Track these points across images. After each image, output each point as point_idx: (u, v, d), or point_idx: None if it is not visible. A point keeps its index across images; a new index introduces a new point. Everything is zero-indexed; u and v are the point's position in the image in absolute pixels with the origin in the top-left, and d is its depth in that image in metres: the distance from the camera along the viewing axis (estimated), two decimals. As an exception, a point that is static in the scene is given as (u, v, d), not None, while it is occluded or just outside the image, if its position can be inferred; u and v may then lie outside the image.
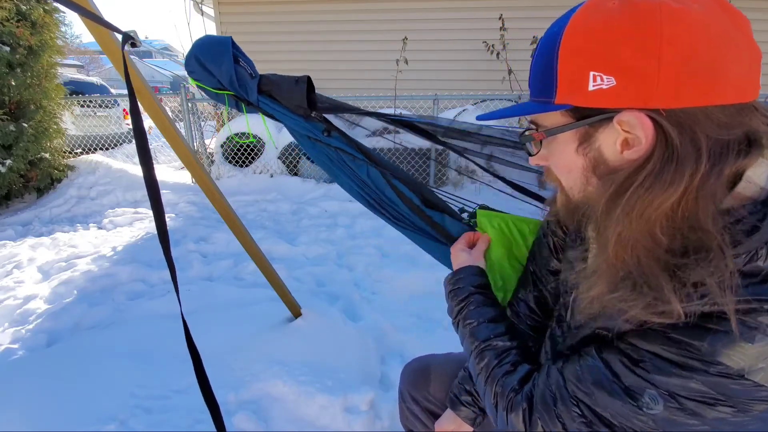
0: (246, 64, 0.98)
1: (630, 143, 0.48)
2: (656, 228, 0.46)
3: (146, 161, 0.84)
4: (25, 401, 1.42)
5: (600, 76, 0.46)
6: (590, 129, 0.50)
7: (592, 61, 0.46)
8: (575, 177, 0.55)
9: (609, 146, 0.50)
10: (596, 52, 0.46)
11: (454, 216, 1.00)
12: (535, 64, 0.53)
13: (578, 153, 0.53)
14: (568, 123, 0.52)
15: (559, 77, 0.49)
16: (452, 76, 5.97)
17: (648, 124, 0.45)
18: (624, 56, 0.44)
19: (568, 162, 0.55)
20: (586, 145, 0.52)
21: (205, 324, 1.86)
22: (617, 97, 0.46)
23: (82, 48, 26.03)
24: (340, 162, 1.01)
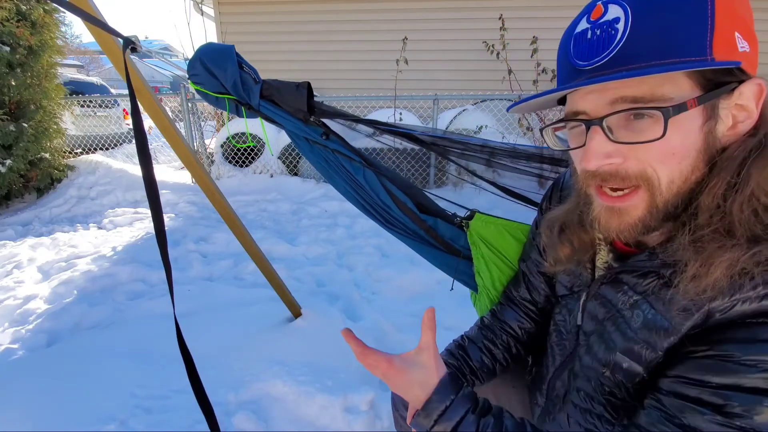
0: (250, 70, 0.99)
1: (737, 117, 0.47)
2: None
3: (146, 162, 0.85)
4: (25, 401, 1.42)
5: (741, 38, 0.44)
6: (716, 101, 0.46)
7: (739, 22, 0.44)
8: (686, 164, 0.47)
9: (723, 121, 0.47)
10: (741, 13, 0.45)
11: (447, 219, 1.01)
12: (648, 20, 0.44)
13: (701, 131, 0.46)
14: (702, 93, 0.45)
15: (716, 31, 0.43)
16: (452, 76, 5.97)
17: (764, 94, 0.45)
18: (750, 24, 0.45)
19: (687, 145, 0.47)
20: (711, 121, 0.46)
21: (205, 324, 1.87)
22: (751, 64, 0.45)
23: (82, 48, 26.02)
24: (337, 164, 1.03)
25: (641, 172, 0.48)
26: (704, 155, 0.47)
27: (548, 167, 1.00)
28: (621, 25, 0.45)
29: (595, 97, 0.48)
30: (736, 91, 0.45)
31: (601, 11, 0.47)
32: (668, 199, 0.49)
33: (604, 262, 0.63)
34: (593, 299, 0.63)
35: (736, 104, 0.46)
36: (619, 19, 0.45)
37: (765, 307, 0.43)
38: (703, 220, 0.47)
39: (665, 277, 0.51)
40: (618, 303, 0.58)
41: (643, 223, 0.51)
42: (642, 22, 0.44)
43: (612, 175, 0.50)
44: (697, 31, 0.43)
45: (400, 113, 4.73)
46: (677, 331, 0.50)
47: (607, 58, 0.46)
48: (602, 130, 0.48)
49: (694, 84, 0.45)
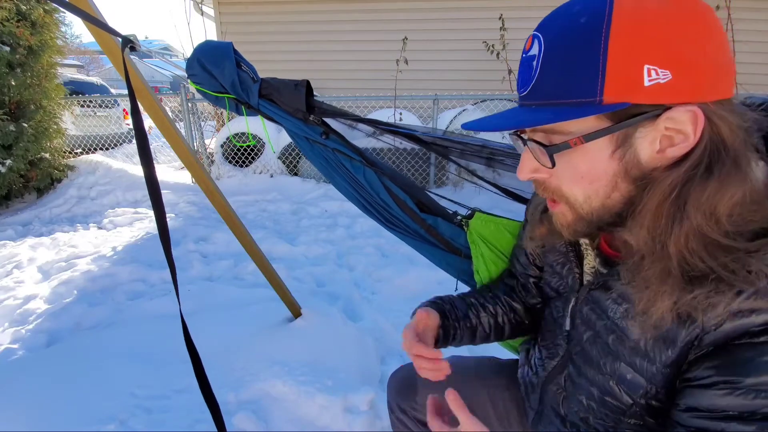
0: (248, 69, 0.99)
1: (672, 140, 0.45)
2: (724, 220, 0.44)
3: (147, 161, 0.85)
4: (25, 401, 1.42)
5: (655, 69, 0.42)
6: (629, 130, 0.46)
7: (649, 53, 0.42)
8: (600, 185, 0.50)
9: (646, 146, 0.46)
10: (652, 43, 0.42)
11: (447, 218, 1.01)
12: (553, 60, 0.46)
13: (612, 158, 0.48)
14: (607, 126, 0.46)
15: (608, 73, 0.43)
16: (452, 76, 5.97)
17: (702, 118, 0.43)
18: (678, 47, 0.42)
19: (597, 170, 0.49)
20: (623, 148, 0.47)
21: (205, 324, 1.87)
22: (673, 92, 0.43)
23: (82, 48, 26.03)
24: (337, 163, 1.03)
25: (557, 189, 0.53)
26: (623, 178, 0.48)
27: None
28: (536, 62, 0.48)
29: None
30: (663, 116, 0.44)
31: (529, 44, 0.50)
32: (591, 211, 0.52)
33: (591, 267, 0.64)
34: (584, 304, 0.63)
35: (667, 128, 0.45)
36: (535, 55, 0.48)
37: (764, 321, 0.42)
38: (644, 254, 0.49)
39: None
40: (608, 311, 0.57)
41: (574, 227, 0.55)
42: (547, 61, 0.47)
43: (539, 185, 0.56)
44: (588, 72, 0.44)
45: (400, 113, 4.73)
46: (674, 343, 0.49)
47: (526, 90, 0.50)
48: (529, 149, 0.53)
49: (598, 118, 0.46)
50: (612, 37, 0.43)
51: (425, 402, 0.89)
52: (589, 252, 0.64)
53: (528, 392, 0.80)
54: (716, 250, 0.44)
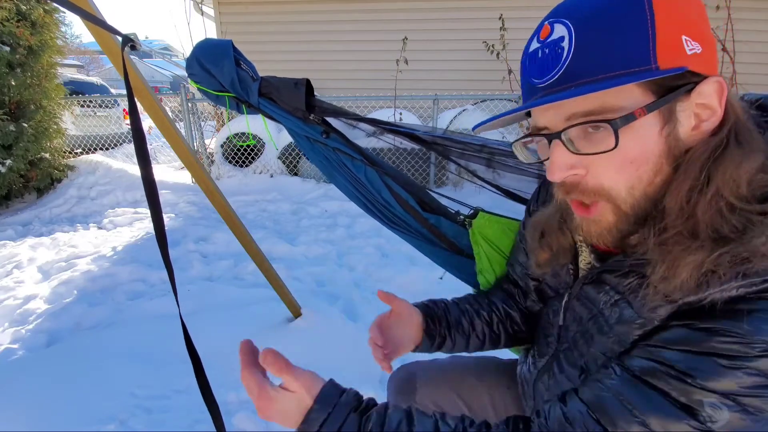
0: (248, 67, 0.99)
1: (701, 117, 0.47)
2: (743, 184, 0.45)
3: (144, 162, 0.85)
4: (25, 401, 1.42)
5: (690, 40, 0.45)
6: (672, 104, 0.46)
7: (684, 25, 0.45)
8: (645, 170, 0.48)
9: (684, 122, 0.47)
10: (687, 15, 0.46)
11: (449, 218, 1.00)
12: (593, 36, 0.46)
13: (661, 135, 0.47)
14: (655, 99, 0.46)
15: (659, 39, 0.44)
16: (452, 76, 5.97)
17: (725, 89, 0.46)
18: (700, 24, 0.46)
19: (647, 151, 0.48)
20: (670, 124, 0.47)
21: (205, 324, 1.87)
22: (705, 64, 0.46)
23: (82, 48, 26.04)
24: (338, 163, 1.02)
25: (598, 187, 0.51)
26: (667, 158, 0.48)
27: None
28: (566, 43, 0.47)
29: (552, 114, 0.50)
30: (694, 91, 0.46)
31: (548, 31, 0.49)
32: (634, 203, 0.50)
33: (587, 263, 0.64)
34: (576, 299, 0.63)
35: (697, 104, 0.46)
36: (564, 37, 0.47)
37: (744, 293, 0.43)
38: (669, 223, 0.48)
39: (645, 276, 0.51)
40: (599, 303, 0.58)
41: (617, 228, 0.53)
42: (584, 39, 0.46)
43: (574, 187, 0.52)
44: (638, 41, 0.44)
45: (400, 113, 4.73)
46: (651, 323, 0.50)
47: (557, 75, 0.48)
48: (562, 143, 0.50)
49: (646, 91, 0.46)
50: (656, 7, 0.44)
51: (425, 402, 0.90)
52: (584, 248, 0.64)
53: (524, 391, 0.80)
54: (735, 212, 0.45)
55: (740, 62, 4.76)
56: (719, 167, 0.45)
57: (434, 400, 0.89)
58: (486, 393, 0.89)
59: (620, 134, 0.46)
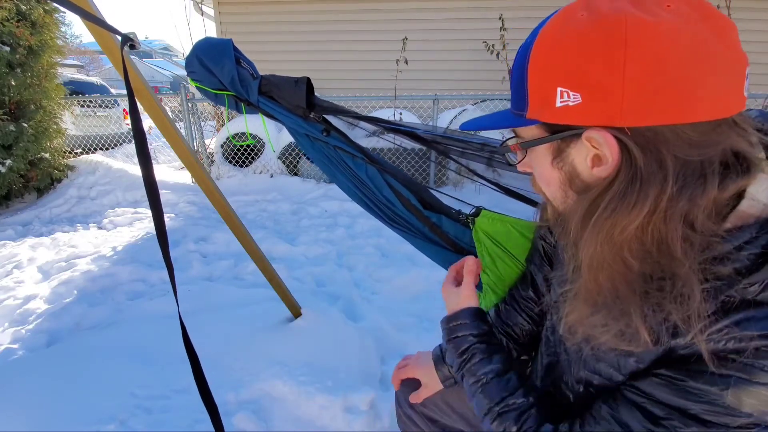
0: (248, 66, 0.98)
1: (600, 160, 0.47)
2: (625, 251, 0.45)
3: (146, 163, 0.84)
4: (25, 401, 1.42)
5: (567, 92, 0.44)
6: (562, 143, 0.50)
7: (558, 77, 0.45)
8: (554, 189, 0.54)
9: (581, 162, 0.49)
10: (562, 67, 0.44)
11: (451, 217, 1.00)
12: (513, 76, 0.52)
13: (554, 166, 0.52)
14: (542, 137, 0.51)
15: (529, 92, 0.48)
16: (452, 76, 5.97)
17: (612, 143, 0.44)
18: (590, 72, 0.42)
19: (546, 174, 0.54)
20: (559, 159, 0.51)
21: (205, 324, 1.86)
22: (583, 114, 0.44)
23: (82, 48, 26.04)
24: (339, 161, 1.02)
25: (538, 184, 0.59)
26: (568, 186, 0.52)
27: None
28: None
29: None
30: (584, 136, 0.46)
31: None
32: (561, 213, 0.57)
33: None
34: None
35: (593, 147, 0.46)
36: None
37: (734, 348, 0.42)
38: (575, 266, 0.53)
39: None
40: None
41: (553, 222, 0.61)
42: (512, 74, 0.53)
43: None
44: (519, 90, 0.50)
45: (400, 113, 4.72)
46: (642, 360, 0.51)
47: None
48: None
49: (539, 128, 0.51)
50: (531, 59, 0.47)
51: (434, 398, 0.90)
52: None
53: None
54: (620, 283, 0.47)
55: (740, 62, 4.75)
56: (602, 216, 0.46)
57: (442, 396, 0.90)
58: None
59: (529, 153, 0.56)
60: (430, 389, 0.90)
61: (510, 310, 0.88)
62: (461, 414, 0.90)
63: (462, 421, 0.90)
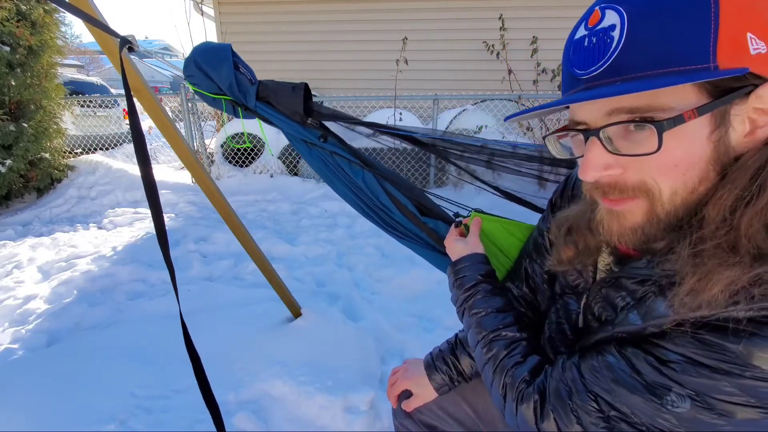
0: (246, 71, 0.99)
1: (757, 122, 0.43)
2: None
3: (144, 163, 0.85)
4: (25, 401, 1.43)
5: (755, 39, 0.40)
6: (727, 107, 0.42)
7: (751, 21, 0.40)
8: (691, 176, 0.45)
9: (737, 127, 0.43)
10: (755, 10, 0.40)
11: (448, 221, 1.00)
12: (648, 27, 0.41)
13: (709, 141, 0.43)
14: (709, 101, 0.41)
15: (721, 36, 0.39)
16: (452, 76, 5.97)
17: None
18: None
19: (693, 155, 0.44)
20: (720, 129, 0.43)
21: (205, 324, 1.87)
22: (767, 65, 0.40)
23: (82, 48, 26.05)
24: (336, 166, 1.02)
25: (640, 183, 0.47)
26: (715, 165, 0.44)
27: (548, 168, 0.99)
28: (617, 32, 0.43)
29: (592, 108, 0.47)
30: (752, 94, 0.41)
31: (598, 17, 0.45)
32: (671, 209, 0.47)
33: (606, 265, 0.63)
34: (595, 302, 0.62)
35: (754, 108, 0.42)
36: (615, 26, 0.43)
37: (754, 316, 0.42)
38: (707, 233, 0.44)
39: (663, 286, 0.50)
40: (617, 308, 0.57)
41: (642, 230, 0.49)
42: (638, 29, 0.42)
43: (611, 186, 0.49)
44: (698, 36, 0.40)
45: (400, 113, 4.73)
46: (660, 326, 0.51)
47: (603, 68, 0.44)
48: (600, 141, 0.46)
49: (700, 91, 0.42)
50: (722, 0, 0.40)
51: (429, 405, 0.90)
52: (604, 250, 0.63)
53: None
54: None
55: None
56: None
57: (439, 403, 0.90)
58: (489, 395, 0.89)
59: (665, 136, 0.42)
60: (421, 398, 0.90)
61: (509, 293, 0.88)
62: (458, 419, 0.89)
63: (459, 426, 0.89)
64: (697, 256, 0.45)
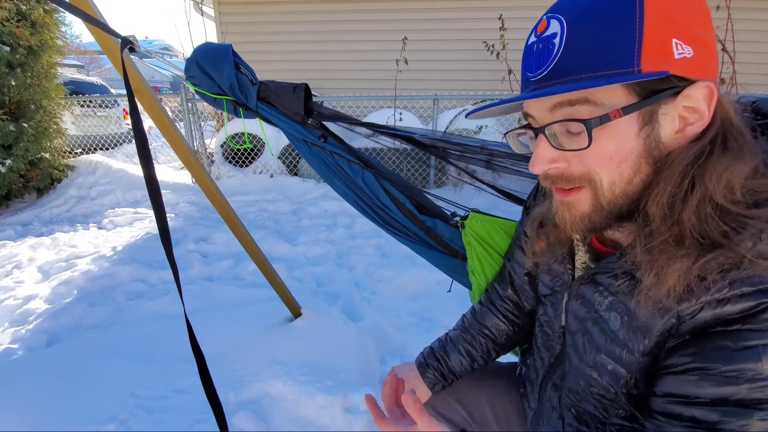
0: (247, 71, 0.99)
1: (687, 120, 0.47)
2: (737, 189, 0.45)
3: (147, 162, 0.85)
4: (25, 401, 1.43)
5: (681, 44, 0.44)
6: (654, 107, 0.47)
7: (677, 28, 0.44)
8: (625, 168, 0.49)
9: (667, 125, 0.47)
10: (681, 18, 0.45)
11: (445, 220, 1.01)
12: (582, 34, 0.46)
13: (639, 136, 0.48)
14: (637, 101, 0.46)
15: (645, 42, 0.44)
16: (452, 76, 5.98)
17: (715, 95, 0.46)
18: (697, 27, 0.45)
19: (624, 149, 0.48)
20: (649, 126, 0.47)
21: (205, 324, 1.87)
22: (695, 68, 0.45)
23: (82, 48, 26.05)
24: (336, 166, 1.03)
25: (584, 174, 0.51)
26: (646, 158, 0.49)
27: None
28: (557, 40, 0.48)
29: (538, 104, 0.52)
30: (681, 94, 0.46)
31: (544, 26, 0.50)
32: (612, 199, 0.51)
33: (582, 263, 0.65)
34: (574, 299, 0.64)
35: (684, 107, 0.47)
36: (556, 34, 0.48)
37: (740, 309, 0.43)
38: (654, 229, 0.49)
39: (636, 279, 0.52)
40: (596, 303, 0.59)
41: (589, 219, 0.54)
42: (574, 36, 0.47)
43: (559, 177, 0.54)
44: (623, 42, 0.44)
45: (400, 113, 4.73)
46: (650, 332, 0.51)
47: (547, 71, 0.49)
48: (546, 138, 0.51)
49: (629, 91, 0.46)
50: (647, 9, 0.44)
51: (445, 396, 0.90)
52: (580, 248, 0.65)
53: (527, 391, 0.80)
54: (728, 217, 0.45)
55: (740, 62, 4.77)
56: (705, 173, 0.46)
57: (433, 404, 0.89)
58: (484, 397, 0.89)
59: (597, 133, 0.47)
60: None
61: (485, 311, 0.90)
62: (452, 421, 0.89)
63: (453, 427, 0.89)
64: (649, 252, 0.49)
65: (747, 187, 0.45)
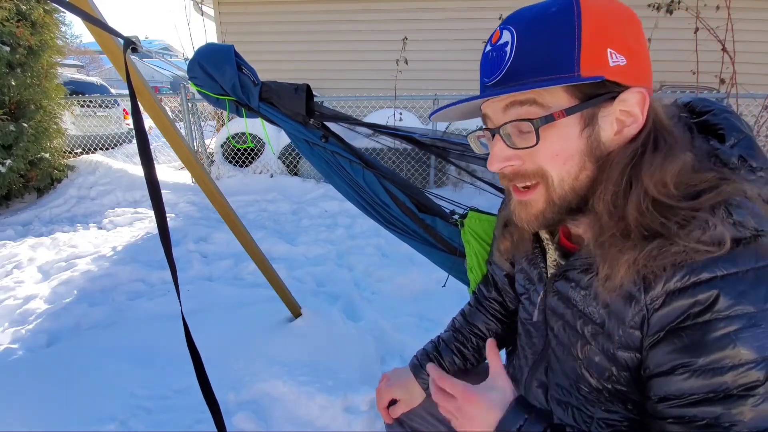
0: (249, 72, 0.99)
1: (624, 123, 0.52)
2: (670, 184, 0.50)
3: (147, 162, 0.85)
4: (25, 401, 1.43)
5: (615, 53, 0.50)
6: (594, 110, 0.52)
7: (610, 39, 0.50)
8: (572, 165, 0.54)
9: (606, 127, 0.53)
10: (615, 31, 0.51)
11: (445, 218, 1.02)
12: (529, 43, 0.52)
13: (581, 137, 0.53)
14: (578, 103, 0.51)
15: (583, 50, 0.49)
16: (452, 76, 5.98)
17: (647, 101, 0.51)
18: (629, 39, 0.51)
19: (569, 148, 0.53)
20: (590, 127, 0.53)
21: (205, 324, 1.87)
22: (628, 75, 0.51)
23: (82, 48, 26.05)
24: (337, 165, 1.03)
25: (537, 170, 0.56)
26: (590, 157, 0.54)
27: None
28: (509, 48, 0.53)
29: (494, 106, 0.57)
30: (617, 99, 0.51)
31: (498, 36, 0.55)
32: (562, 194, 0.56)
33: (554, 260, 0.68)
34: (551, 296, 0.66)
35: (620, 110, 0.52)
36: (508, 42, 0.54)
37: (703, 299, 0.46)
38: (603, 224, 0.54)
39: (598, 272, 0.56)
40: (572, 298, 0.61)
41: (543, 215, 0.58)
42: (522, 44, 0.52)
43: (515, 174, 0.58)
44: (566, 51, 0.50)
45: (400, 113, 4.73)
46: (622, 321, 0.53)
47: (500, 75, 0.54)
48: (501, 138, 0.56)
49: (571, 95, 0.51)
50: (584, 21, 0.50)
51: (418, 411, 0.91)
52: (551, 246, 0.68)
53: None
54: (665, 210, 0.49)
55: (740, 62, 4.77)
56: (641, 171, 0.51)
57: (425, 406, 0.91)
58: None
59: (544, 132, 0.52)
60: (407, 404, 0.91)
61: (475, 311, 0.93)
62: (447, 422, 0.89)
63: (448, 428, 0.89)
64: (601, 246, 0.54)
65: (683, 182, 0.50)
